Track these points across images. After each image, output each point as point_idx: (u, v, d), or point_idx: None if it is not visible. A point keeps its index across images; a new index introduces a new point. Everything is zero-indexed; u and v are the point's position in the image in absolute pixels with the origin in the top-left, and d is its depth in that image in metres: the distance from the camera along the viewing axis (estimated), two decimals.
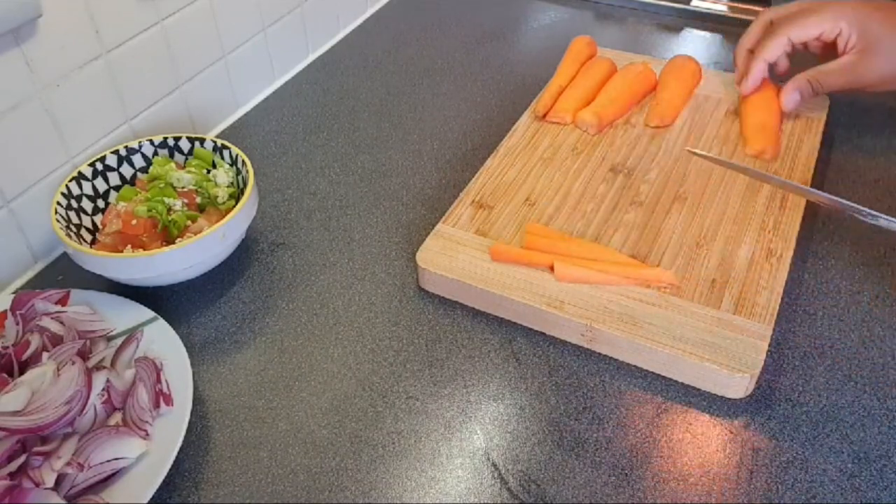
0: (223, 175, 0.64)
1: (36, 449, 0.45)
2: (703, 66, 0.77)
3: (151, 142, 0.65)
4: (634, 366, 0.54)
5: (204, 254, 0.57)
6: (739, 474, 0.47)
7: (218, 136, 0.77)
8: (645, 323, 0.53)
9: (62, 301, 0.56)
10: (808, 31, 0.67)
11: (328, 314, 0.59)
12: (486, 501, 0.46)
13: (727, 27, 0.94)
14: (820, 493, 0.46)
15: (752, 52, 0.72)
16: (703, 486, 0.47)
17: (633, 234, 0.61)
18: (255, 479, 0.48)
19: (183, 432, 0.48)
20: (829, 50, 0.69)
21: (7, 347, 0.51)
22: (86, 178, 0.62)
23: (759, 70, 0.70)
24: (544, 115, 0.74)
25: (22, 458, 0.45)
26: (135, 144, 0.65)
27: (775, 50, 0.69)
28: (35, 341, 0.51)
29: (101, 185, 0.63)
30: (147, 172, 0.65)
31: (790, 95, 0.69)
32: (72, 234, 0.58)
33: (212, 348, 0.56)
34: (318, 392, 0.53)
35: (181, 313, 0.59)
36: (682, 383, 0.52)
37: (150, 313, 0.55)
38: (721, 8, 0.95)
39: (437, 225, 0.62)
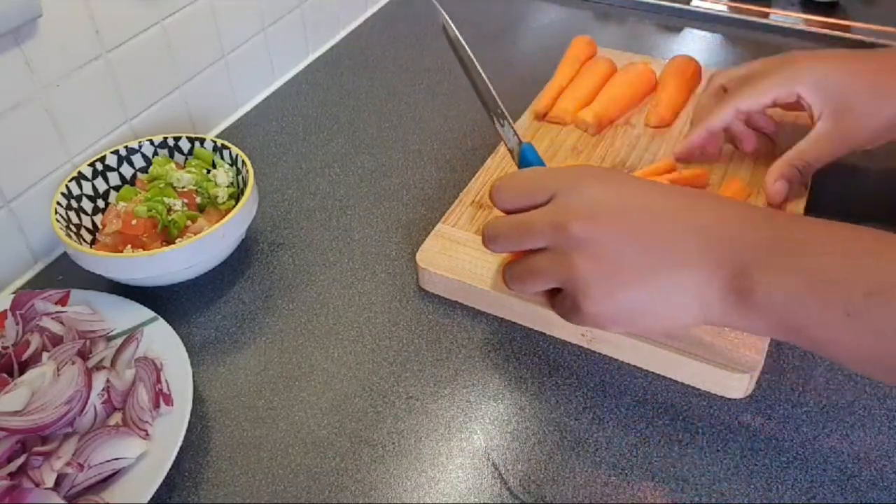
0: (223, 175, 0.64)
1: (36, 449, 0.45)
2: (703, 67, 0.77)
3: (151, 142, 0.65)
4: (634, 366, 0.54)
5: (204, 254, 0.57)
6: (739, 474, 0.47)
7: (218, 136, 0.77)
8: None
9: (62, 301, 0.56)
10: (759, 99, 0.59)
11: (328, 314, 0.59)
12: (486, 501, 0.46)
13: (727, 27, 0.94)
14: (820, 493, 0.46)
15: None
16: (703, 486, 0.47)
17: None
18: (255, 479, 0.48)
19: (183, 432, 0.47)
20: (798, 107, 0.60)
21: (7, 347, 0.51)
22: (86, 178, 0.62)
23: (697, 136, 0.62)
24: (544, 115, 0.74)
25: (22, 458, 0.45)
26: (135, 144, 0.65)
27: (720, 121, 0.61)
28: (35, 341, 0.51)
29: (101, 185, 0.63)
30: (147, 172, 0.65)
31: (777, 185, 0.59)
32: (72, 234, 0.58)
33: (212, 348, 0.56)
34: (318, 392, 0.53)
35: (181, 313, 0.59)
36: (682, 383, 0.52)
37: (150, 313, 0.55)
38: (721, 8, 0.95)
39: (437, 225, 0.62)
